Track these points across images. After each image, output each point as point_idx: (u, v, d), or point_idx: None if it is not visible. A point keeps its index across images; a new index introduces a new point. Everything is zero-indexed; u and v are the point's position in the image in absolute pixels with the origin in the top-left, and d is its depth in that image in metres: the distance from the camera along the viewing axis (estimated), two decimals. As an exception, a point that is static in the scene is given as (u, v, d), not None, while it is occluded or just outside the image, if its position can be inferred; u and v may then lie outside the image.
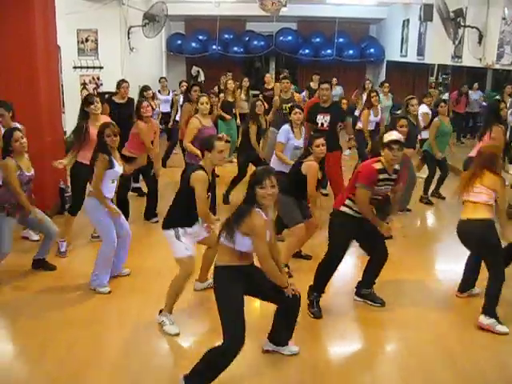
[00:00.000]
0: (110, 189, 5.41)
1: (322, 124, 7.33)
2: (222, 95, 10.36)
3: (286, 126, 6.87)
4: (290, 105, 8.48)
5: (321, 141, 5.49)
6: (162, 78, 12.43)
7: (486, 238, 4.78)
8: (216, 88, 12.29)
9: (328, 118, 7.30)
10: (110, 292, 5.33)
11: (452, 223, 5.41)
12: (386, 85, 11.72)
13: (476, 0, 9.94)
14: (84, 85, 11.88)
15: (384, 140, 4.81)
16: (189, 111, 7.92)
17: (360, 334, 4.91)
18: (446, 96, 13.74)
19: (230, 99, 10.14)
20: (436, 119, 8.30)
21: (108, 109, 7.86)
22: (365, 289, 5.24)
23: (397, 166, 4.89)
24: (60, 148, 7.77)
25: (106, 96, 8.96)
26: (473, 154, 6.94)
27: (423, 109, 9.16)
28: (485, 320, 4.73)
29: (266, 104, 8.57)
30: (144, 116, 7.01)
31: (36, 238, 6.66)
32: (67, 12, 9.96)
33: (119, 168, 5.40)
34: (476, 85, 13.33)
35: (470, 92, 13.35)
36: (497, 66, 9.41)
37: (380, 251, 5.10)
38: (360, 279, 5.29)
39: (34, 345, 4.46)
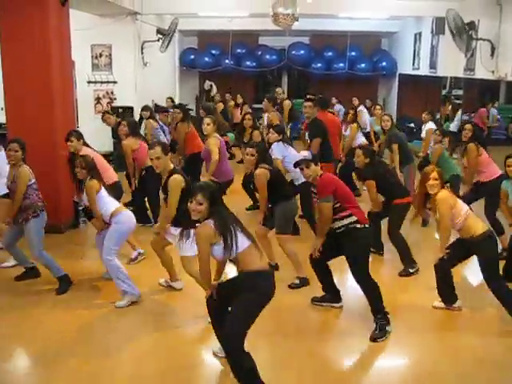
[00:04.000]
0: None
1: (307, 141, 7.66)
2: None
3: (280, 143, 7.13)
4: None
5: (249, 150, 5.75)
6: (168, 98, 12.50)
7: None
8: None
9: (307, 132, 7.67)
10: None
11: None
12: (378, 107, 11.04)
13: (488, 12, 9.93)
14: (98, 99, 11.99)
15: None
16: (184, 130, 8.20)
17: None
18: (456, 118, 13.56)
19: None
20: (440, 146, 7.80)
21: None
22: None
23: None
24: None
25: (120, 110, 9.05)
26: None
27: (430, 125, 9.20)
28: None
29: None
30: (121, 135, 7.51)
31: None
32: (82, 27, 10.07)
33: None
34: (497, 103, 13.34)
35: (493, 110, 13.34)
36: (510, 79, 9.37)
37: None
38: None
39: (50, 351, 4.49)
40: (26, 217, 5.51)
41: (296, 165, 5.19)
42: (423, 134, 9.24)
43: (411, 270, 6.16)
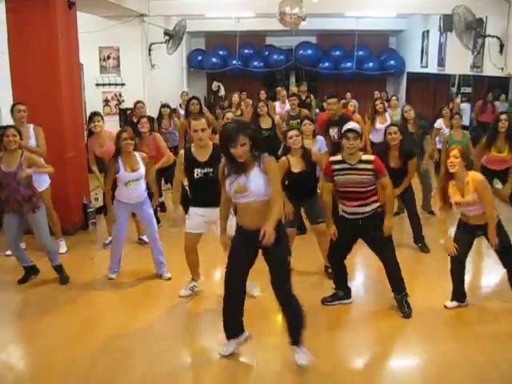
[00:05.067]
0: (124, 193, 5.74)
1: (334, 137, 7.47)
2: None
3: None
4: (297, 121, 8.53)
5: (293, 132, 5.66)
6: (183, 92, 12.57)
7: None
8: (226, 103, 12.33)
9: (336, 130, 7.37)
10: (111, 279, 5.93)
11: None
12: (394, 98, 10.97)
13: (496, 9, 9.87)
14: (106, 102, 12.04)
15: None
16: (184, 127, 8.21)
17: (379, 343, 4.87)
18: (464, 105, 13.54)
19: (236, 112, 9.87)
20: (446, 133, 8.22)
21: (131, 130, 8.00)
22: (395, 293, 5.21)
23: (366, 157, 4.98)
24: (82, 164, 7.86)
25: (128, 112, 9.04)
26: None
27: (437, 124, 9.28)
28: None
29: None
30: (141, 132, 7.35)
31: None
32: (89, 30, 10.11)
33: (125, 173, 5.64)
34: (503, 96, 13.10)
35: (496, 103, 13.14)
36: (520, 75, 9.33)
37: (381, 258, 5.17)
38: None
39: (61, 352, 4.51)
40: (34, 206, 5.61)
41: (348, 131, 4.87)
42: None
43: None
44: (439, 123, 9.21)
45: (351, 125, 4.99)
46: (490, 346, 4.62)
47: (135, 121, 8.19)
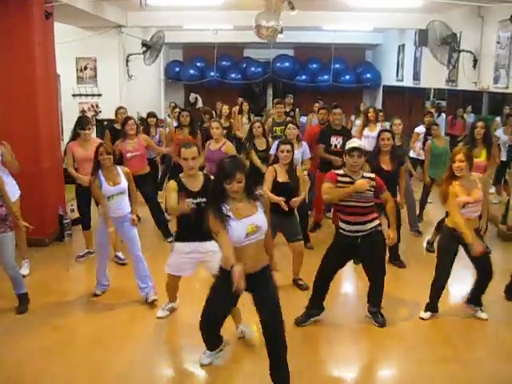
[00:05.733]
0: (110, 207, 5.58)
1: (336, 145, 7.63)
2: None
3: (277, 141, 7.02)
4: (281, 127, 8.66)
5: (286, 147, 5.85)
6: (171, 102, 13.05)
7: None
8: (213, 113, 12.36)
9: (341, 139, 7.59)
10: (95, 295, 5.82)
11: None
12: (381, 114, 11.02)
13: (469, 25, 10.05)
14: (83, 112, 11.93)
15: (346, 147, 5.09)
16: (171, 135, 8.49)
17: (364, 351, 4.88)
18: (440, 118, 13.77)
19: (225, 124, 10.01)
20: (428, 141, 8.36)
21: (109, 135, 8.00)
22: (371, 306, 5.30)
23: (368, 174, 5.04)
24: (58, 174, 7.80)
25: (105, 123, 9.00)
26: None
27: (419, 129, 9.56)
28: None
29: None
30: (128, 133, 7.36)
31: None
32: (66, 40, 10.05)
33: (107, 187, 5.53)
34: (469, 108, 13.37)
35: (465, 115, 13.40)
36: (493, 89, 9.48)
37: (372, 271, 5.20)
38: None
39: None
40: (6, 227, 5.26)
41: (353, 149, 4.92)
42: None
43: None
44: (420, 129, 9.38)
45: (356, 143, 5.07)
46: (467, 356, 4.68)
47: (118, 127, 8.18)
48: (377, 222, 5.04)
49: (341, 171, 5.07)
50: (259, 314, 3.92)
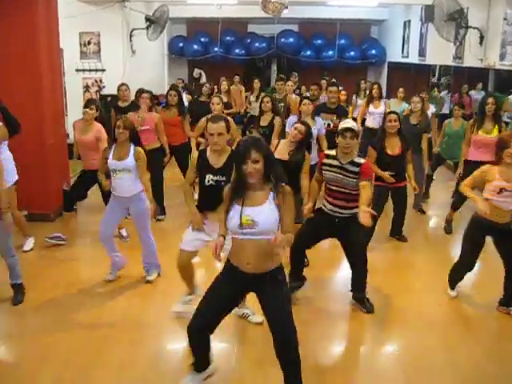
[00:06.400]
0: (113, 183, 5.48)
1: (329, 124, 7.49)
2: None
3: (293, 117, 6.99)
4: (282, 104, 8.67)
5: (300, 126, 5.57)
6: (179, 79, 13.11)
7: None
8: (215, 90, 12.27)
9: (334, 117, 7.54)
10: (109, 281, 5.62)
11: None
12: (401, 90, 11.11)
13: (477, 1, 9.94)
14: (87, 88, 11.91)
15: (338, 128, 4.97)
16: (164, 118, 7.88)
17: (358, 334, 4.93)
18: (443, 94, 13.71)
19: (225, 100, 9.71)
20: (446, 121, 8.29)
21: (114, 114, 7.96)
22: (355, 292, 5.22)
23: (359, 159, 4.89)
24: (63, 151, 7.81)
25: (109, 99, 8.96)
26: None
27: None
28: None
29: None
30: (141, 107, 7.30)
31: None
32: (70, 15, 9.98)
33: (111, 161, 5.36)
34: (480, 85, 13.25)
35: (472, 92, 13.30)
36: (499, 67, 9.41)
37: (351, 256, 5.12)
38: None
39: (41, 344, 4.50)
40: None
41: (346, 130, 4.80)
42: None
43: None
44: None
45: (350, 123, 4.95)
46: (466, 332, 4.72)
47: (122, 105, 8.14)
48: (357, 210, 4.86)
49: (332, 152, 5.00)
50: (265, 316, 3.58)
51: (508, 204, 4.74)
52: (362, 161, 4.89)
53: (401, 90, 10.21)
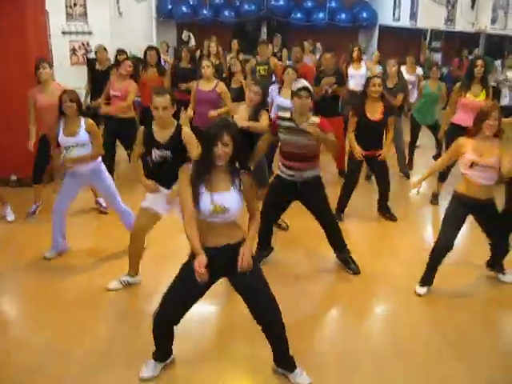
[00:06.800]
0: (65, 156, 5.22)
1: (327, 91, 7.49)
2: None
3: (273, 86, 6.89)
4: (264, 67, 8.52)
5: (256, 88, 5.50)
6: (162, 42, 12.66)
7: None
8: (199, 52, 12.12)
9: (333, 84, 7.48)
10: (46, 258, 5.35)
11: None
12: (376, 53, 10.90)
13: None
14: (73, 51, 11.72)
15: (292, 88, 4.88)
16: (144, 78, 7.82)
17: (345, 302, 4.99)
18: (436, 56, 13.64)
19: (214, 62, 9.43)
20: (423, 82, 8.27)
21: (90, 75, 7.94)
22: (337, 252, 5.31)
23: (314, 119, 4.83)
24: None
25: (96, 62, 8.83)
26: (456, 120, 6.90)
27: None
28: None
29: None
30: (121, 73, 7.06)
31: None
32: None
33: (63, 137, 5.14)
34: (476, 50, 13.16)
35: (470, 58, 13.22)
36: (490, 31, 9.35)
37: (319, 216, 5.16)
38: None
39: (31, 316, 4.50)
40: None
41: (300, 89, 4.73)
42: None
43: None
44: (402, 70, 9.13)
45: (303, 83, 4.85)
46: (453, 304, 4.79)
47: (99, 68, 8.01)
48: (317, 171, 4.96)
49: (286, 114, 4.93)
50: (245, 302, 3.54)
51: (482, 179, 4.53)
52: (316, 119, 4.84)
53: (376, 53, 10.22)
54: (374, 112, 6.16)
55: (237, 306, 3.89)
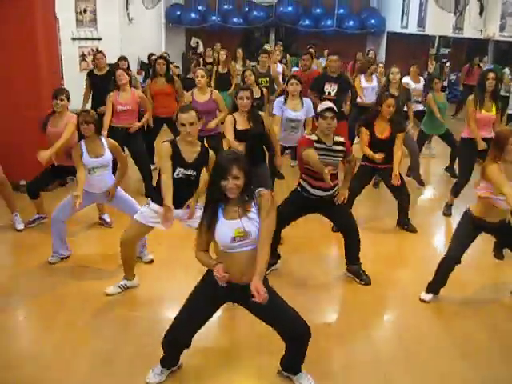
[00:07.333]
0: (88, 180, 5.15)
1: (330, 93, 7.53)
2: (214, 68, 9.86)
3: (280, 98, 6.85)
4: (266, 78, 8.54)
5: (245, 93, 5.41)
6: (165, 52, 12.48)
7: None
8: (201, 60, 12.11)
9: (335, 87, 7.54)
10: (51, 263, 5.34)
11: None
12: (381, 65, 10.55)
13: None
14: (83, 56, 11.82)
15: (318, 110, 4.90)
16: (148, 88, 7.84)
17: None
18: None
19: (221, 70, 9.60)
20: (430, 94, 8.16)
21: (88, 82, 8.17)
22: (350, 264, 5.24)
23: (338, 138, 4.88)
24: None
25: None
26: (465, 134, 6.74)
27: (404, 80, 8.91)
28: None
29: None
30: (120, 84, 6.94)
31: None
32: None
33: (88, 158, 5.09)
34: (486, 58, 13.13)
35: (481, 65, 13.19)
36: (499, 38, 9.36)
37: (342, 225, 5.17)
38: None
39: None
40: None
41: (326, 110, 4.73)
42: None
43: None
44: (406, 80, 9.11)
45: (328, 104, 4.88)
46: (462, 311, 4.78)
47: (97, 73, 8.11)
48: (336, 187, 5.00)
49: (314, 137, 4.87)
50: (266, 322, 3.49)
51: (505, 203, 4.22)
52: (342, 138, 4.92)
53: (380, 65, 10.16)
54: (383, 130, 6.06)
55: (241, 310, 3.88)
